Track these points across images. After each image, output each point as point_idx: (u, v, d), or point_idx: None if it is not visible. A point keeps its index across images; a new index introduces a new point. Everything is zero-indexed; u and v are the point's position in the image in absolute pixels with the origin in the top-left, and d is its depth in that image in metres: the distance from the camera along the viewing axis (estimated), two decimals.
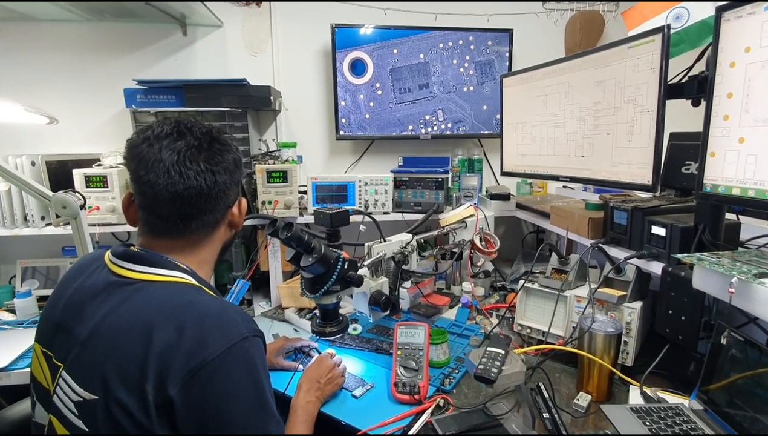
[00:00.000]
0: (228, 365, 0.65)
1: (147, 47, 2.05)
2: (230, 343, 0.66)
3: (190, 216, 0.78)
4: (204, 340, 0.65)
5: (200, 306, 0.70)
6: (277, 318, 1.69)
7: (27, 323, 1.68)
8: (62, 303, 0.77)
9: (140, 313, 0.68)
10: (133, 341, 0.65)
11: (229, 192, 0.82)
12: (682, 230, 1.09)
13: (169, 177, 0.73)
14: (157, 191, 0.74)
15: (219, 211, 0.82)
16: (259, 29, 2.10)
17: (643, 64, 1.17)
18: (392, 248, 1.38)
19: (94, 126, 2.06)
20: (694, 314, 1.03)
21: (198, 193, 0.75)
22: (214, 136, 0.81)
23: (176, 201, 0.75)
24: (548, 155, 1.60)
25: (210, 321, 0.68)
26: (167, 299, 0.70)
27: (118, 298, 0.71)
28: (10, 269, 1.99)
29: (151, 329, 0.65)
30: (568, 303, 1.28)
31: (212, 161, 0.78)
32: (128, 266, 0.74)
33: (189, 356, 0.63)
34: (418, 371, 1.15)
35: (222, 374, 0.65)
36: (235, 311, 0.73)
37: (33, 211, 1.66)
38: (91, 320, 0.70)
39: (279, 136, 2.19)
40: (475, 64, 2.17)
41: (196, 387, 0.63)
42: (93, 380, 0.66)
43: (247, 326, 0.71)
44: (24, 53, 1.97)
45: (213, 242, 0.84)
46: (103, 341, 0.68)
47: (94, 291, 0.74)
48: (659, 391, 1.09)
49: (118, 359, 0.65)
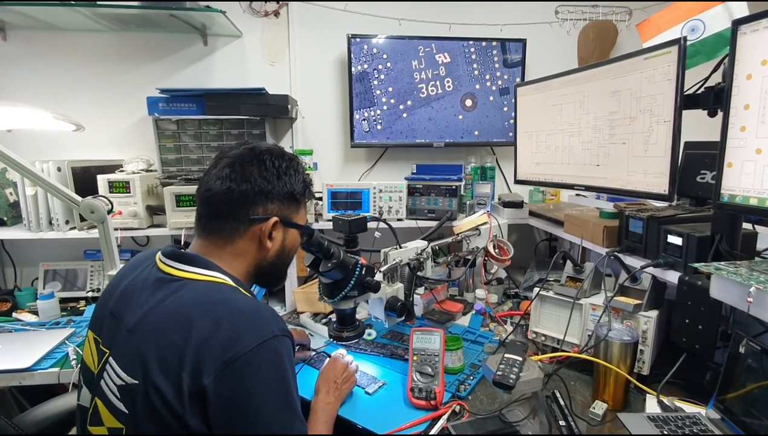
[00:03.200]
0: (258, 360, 0.69)
1: (169, 56, 2.11)
2: (261, 339, 0.70)
3: (211, 215, 0.86)
4: (237, 334, 0.69)
5: (236, 303, 0.75)
6: (293, 323, 1.71)
7: (49, 325, 1.72)
8: (117, 293, 0.84)
9: (182, 306, 0.73)
10: (174, 332, 0.69)
11: (249, 202, 0.85)
12: (699, 239, 1.09)
13: (205, 183, 0.85)
14: (199, 196, 0.87)
15: (237, 219, 0.85)
16: (277, 39, 2.15)
17: (659, 75, 1.19)
18: (408, 254, 1.40)
19: (117, 132, 2.12)
20: (711, 323, 1.03)
21: (213, 194, 0.83)
22: (257, 154, 0.87)
23: (205, 203, 0.86)
24: (563, 164, 1.61)
25: (244, 317, 0.72)
26: (206, 295, 0.76)
27: (164, 292, 0.76)
28: (32, 271, 2.04)
29: (191, 321, 0.69)
30: (583, 311, 1.28)
31: (236, 171, 0.84)
32: (175, 265, 0.80)
33: (224, 348, 0.67)
34: (434, 376, 1.16)
35: (252, 368, 0.68)
36: (268, 310, 0.77)
37: (58, 215, 1.71)
38: (139, 310, 0.76)
39: (295, 143, 2.23)
40: (489, 73, 2.19)
41: (227, 378, 0.66)
42: (135, 366, 0.70)
43: (278, 326, 0.75)
44: (51, 61, 2.03)
45: (238, 251, 0.86)
46: (147, 331, 0.72)
47: (145, 285, 0.80)
48: (676, 400, 1.09)
49: (159, 347, 0.69)
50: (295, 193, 0.90)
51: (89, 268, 1.96)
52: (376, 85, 2.14)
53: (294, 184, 0.89)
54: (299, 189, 0.91)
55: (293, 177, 0.89)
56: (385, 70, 2.13)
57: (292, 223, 0.92)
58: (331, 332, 1.19)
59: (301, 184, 0.92)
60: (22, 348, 1.50)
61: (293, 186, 0.89)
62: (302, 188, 0.92)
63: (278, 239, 0.90)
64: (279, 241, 0.90)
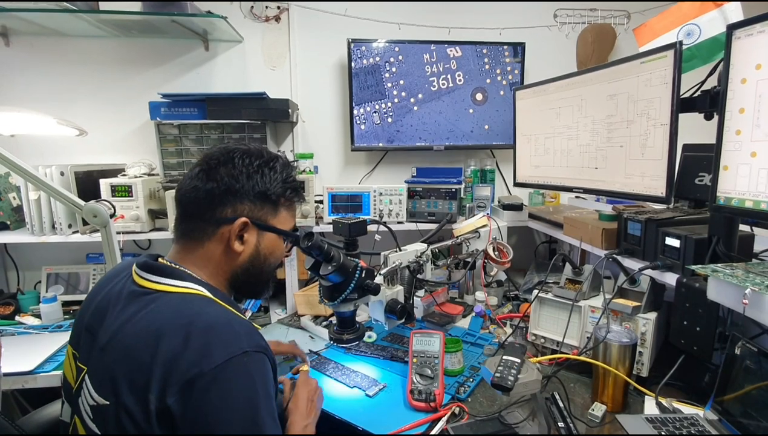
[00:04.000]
0: (224, 378, 0.65)
1: (171, 62, 2.12)
2: (229, 356, 0.66)
3: (182, 217, 0.85)
4: (204, 350, 0.65)
5: (206, 317, 0.70)
6: (293, 325, 1.72)
7: (52, 328, 1.73)
8: (92, 307, 0.81)
9: (152, 322, 0.69)
10: (142, 350, 0.66)
11: (214, 202, 0.81)
12: (696, 241, 1.10)
13: (179, 183, 0.85)
14: (175, 196, 0.86)
15: (203, 219, 0.82)
16: (278, 44, 2.17)
17: (656, 79, 1.20)
18: (408, 257, 1.41)
19: (120, 137, 2.13)
20: (709, 324, 1.04)
21: (182, 194, 0.83)
22: (226, 152, 0.85)
23: (177, 203, 0.85)
24: (561, 167, 1.62)
25: (213, 332, 0.68)
26: (177, 309, 0.72)
27: (135, 307, 0.73)
28: (35, 275, 2.05)
29: (159, 339, 0.66)
30: (582, 313, 1.29)
31: (204, 170, 0.83)
32: (148, 277, 0.77)
33: (189, 366, 0.64)
34: (433, 378, 1.17)
35: (218, 387, 0.64)
36: (242, 324, 0.73)
37: (61, 219, 1.72)
38: (111, 326, 0.73)
39: (296, 147, 2.24)
40: (500, 67, 2.21)
41: (192, 397, 0.63)
42: (106, 386, 0.68)
43: (249, 341, 0.70)
44: (54, 67, 2.05)
45: (207, 254, 0.83)
46: (117, 349, 0.70)
47: (118, 299, 0.77)
48: (674, 401, 1.09)
49: (128, 367, 0.67)
50: (268, 194, 0.85)
51: (91, 271, 1.97)
52: (388, 78, 2.15)
53: (268, 185, 0.85)
54: (275, 190, 0.86)
55: (267, 176, 0.85)
56: (396, 63, 2.15)
57: (268, 226, 0.86)
58: (331, 335, 1.20)
59: (279, 185, 0.87)
60: (25, 351, 1.51)
61: (266, 186, 0.84)
62: (280, 189, 0.87)
63: (251, 242, 0.85)
64: (252, 245, 0.85)
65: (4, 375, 1.22)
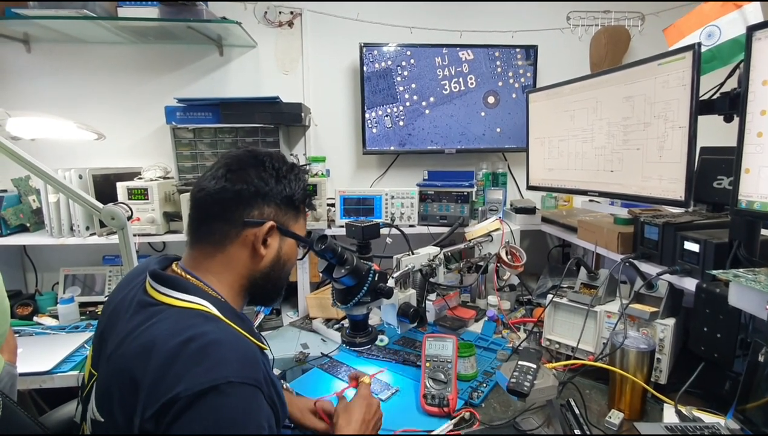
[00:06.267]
0: (200, 406, 0.59)
1: (186, 67, 2.16)
2: (210, 384, 0.60)
3: (202, 219, 0.80)
4: (185, 374, 0.61)
5: (199, 338, 0.65)
6: (305, 328, 1.72)
7: (69, 329, 1.76)
8: (108, 312, 0.80)
9: (148, 339, 0.66)
10: (135, 368, 0.63)
11: (243, 204, 0.79)
12: (717, 245, 1.08)
13: (198, 184, 0.80)
14: (191, 199, 0.81)
15: (229, 221, 0.78)
16: (291, 49, 2.19)
17: (673, 81, 1.18)
18: (420, 260, 1.41)
19: (136, 141, 2.17)
20: (730, 331, 1.01)
21: (206, 194, 0.78)
22: (255, 155, 0.83)
23: (196, 205, 0.80)
24: (576, 170, 1.61)
25: (200, 355, 0.63)
26: (174, 326, 0.67)
27: (140, 318, 0.71)
28: (53, 276, 2.09)
29: (149, 357, 0.63)
30: (598, 319, 1.27)
31: (232, 171, 0.79)
32: (157, 287, 0.74)
33: (166, 388, 0.60)
34: (446, 383, 1.16)
35: (190, 416, 0.59)
36: (236, 349, 0.67)
37: (79, 221, 1.76)
38: (117, 337, 0.71)
39: (308, 150, 2.26)
40: (512, 70, 2.20)
41: (164, 422, 0.59)
42: (103, 402, 0.67)
43: (238, 371, 0.64)
44: (73, 73, 2.10)
45: (228, 259, 0.80)
46: (116, 363, 0.67)
47: (129, 307, 0.75)
48: (694, 410, 1.07)
49: (122, 383, 0.64)
50: (294, 199, 0.84)
51: (107, 273, 2.00)
52: (399, 82, 2.16)
53: (294, 190, 0.84)
54: (299, 196, 0.86)
55: (293, 182, 0.84)
56: (408, 67, 2.15)
57: (290, 231, 0.85)
58: (344, 338, 1.20)
59: (301, 192, 0.86)
60: (43, 352, 1.54)
61: (292, 191, 0.84)
62: (302, 196, 0.87)
63: (273, 247, 0.83)
64: (274, 249, 0.83)
65: (21, 375, 1.24)
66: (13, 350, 1.23)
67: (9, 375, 1.16)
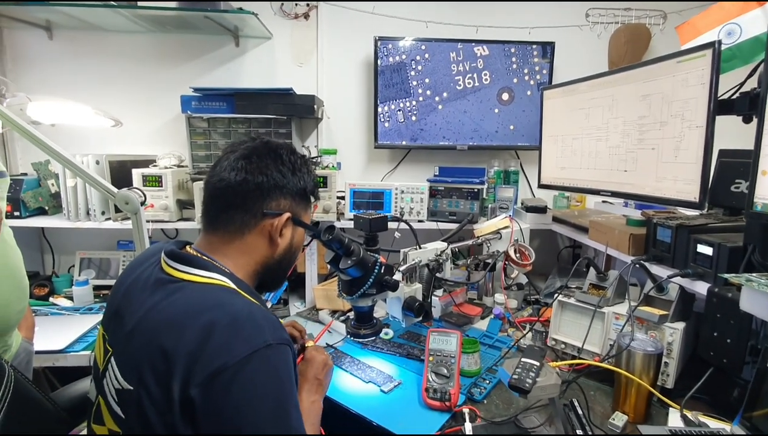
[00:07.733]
0: (248, 371, 0.65)
1: (203, 57, 2.19)
2: (252, 349, 0.66)
3: (221, 208, 0.84)
4: (227, 344, 0.66)
5: (229, 309, 0.70)
6: (312, 319, 1.74)
7: (83, 310, 1.82)
8: (122, 290, 0.83)
9: (176, 311, 0.70)
10: (166, 338, 0.67)
11: (263, 195, 0.83)
12: (731, 249, 1.05)
13: (217, 174, 0.83)
14: (208, 187, 0.85)
15: (249, 212, 0.83)
16: (306, 41, 2.20)
17: (692, 79, 1.16)
18: (427, 255, 1.41)
19: (153, 129, 2.21)
20: (741, 337, 0.99)
21: (227, 185, 0.82)
22: (273, 147, 0.87)
23: (215, 194, 0.84)
24: (589, 169, 1.58)
25: (236, 325, 0.68)
26: (201, 300, 0.72)
27: (161, 294, 0.74)
28: (69, 259, 2.15)
29: (183, 329, 0.67)
30: (605, 320, 1.25)
31: (252, 163, 0.83)
32: (175, 266, 0.78)
33: (211, 358, 0.64)
34: (449, 378, 1.16)
35: (241, 381, 0.64)
36: (264, 316, 0.72)
37: (95, 206, 1.80)
38: (137, 312, 0.74)
39: (320, 142, 2.27)
40: (527, 67, 2.17)
41: (215, 390, 0.64)
42: (131, 372, 0.69)
43: (273, 334, 0.70)
44: (93, 60, 2.14)
45: (245, 246, 0.84)
46: (143, 335, 0.70)
47: (146, 285, 0.78)
48: (700, 415, 1.05)
49: (152, 354, 0.67)
50: (306, 191, 0.90)
51: (121, 257, 2.04)
52: (413, 76, 2.15)
53: (306, 182, 0.89)
54: (311, 188, 0.91)
55: (306, 175, 0.89)
56: (422, 62, 2.14)
57: (303, 222, 0.90)
58: (348, 329, 1.21)
59: (312, 184, 0.91)
60: (57, 331, 1.59)
61: (305, 184, 0.89)
62: (312, 188, 0.92)
63: (287, 236, 0.88)
64: (288, 238, 0.88)
65: (36, 353, 1.28)
66: (30, 327, 1.27)
67: (26, 351, 1.20)
